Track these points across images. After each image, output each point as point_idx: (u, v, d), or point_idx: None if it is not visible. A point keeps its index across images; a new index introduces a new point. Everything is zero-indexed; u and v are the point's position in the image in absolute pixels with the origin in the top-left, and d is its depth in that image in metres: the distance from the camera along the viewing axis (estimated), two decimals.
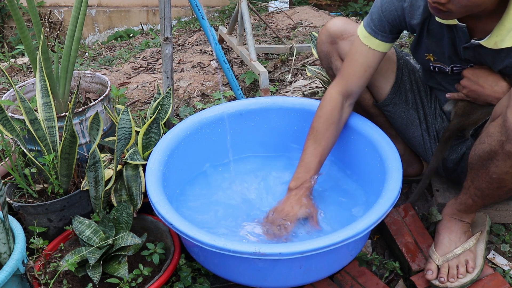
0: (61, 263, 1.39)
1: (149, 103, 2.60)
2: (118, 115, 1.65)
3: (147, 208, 1.51)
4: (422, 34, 1.41)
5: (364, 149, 1.54)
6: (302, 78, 2.79)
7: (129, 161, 1.52)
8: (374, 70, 1.48)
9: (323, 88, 2.31)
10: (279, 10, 4.19)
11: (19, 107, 1.52)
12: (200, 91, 2.69)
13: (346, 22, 1.54)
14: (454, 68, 1.43)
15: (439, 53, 1.42)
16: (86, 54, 3.64)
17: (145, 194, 1.48)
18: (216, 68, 3.01)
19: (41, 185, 1.60)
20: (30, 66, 3.29)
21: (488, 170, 1.25)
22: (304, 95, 2.36)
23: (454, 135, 1.52)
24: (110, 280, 1.35)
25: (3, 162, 1.62)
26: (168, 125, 1.87)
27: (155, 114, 1.62)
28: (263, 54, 3.14)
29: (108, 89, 1.83)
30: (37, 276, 1.36)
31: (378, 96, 1.61)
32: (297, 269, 1.26)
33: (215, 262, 1.34)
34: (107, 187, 1.53)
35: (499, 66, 1.32)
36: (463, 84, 1.41)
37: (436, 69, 1.47)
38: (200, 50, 3.34)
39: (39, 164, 1.50)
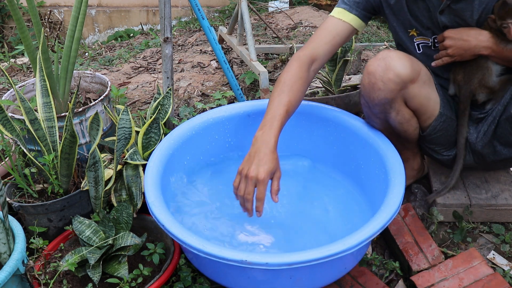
0: (61, 263, 1.39)
1: (149, 103, 2.60)
2: (118, 115, 1.65)
3: (147, 208, 1.51)
4: (400, 10, 1.50)
5: (370, 159, 1.53)
6: None
7: (129, 161, 1.52)
8: (342, 41, 1.52)
9: (323, 88, 2.31)
10: (279, 10, 4.19)
11: (19, 107, 1.52)
12: (200, 91, 2.69)
13: (409, 59, 1.43)
14: (436, 41, 1.51)
15: (420, 26, 1.50)
16: (86, 54, 3.63)
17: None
18: (216, 68, 3.01)
19: (41, 185, 1.60)
20: (30, 66, 3.29)
21: None
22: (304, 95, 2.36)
23: (468, 103, 1.55)
24: (110, 280, 1.35)
25: (3, 162, 1.62)
26: (168, 125, 1.87)
27: (155, 114, 1.62)
28: (263, 54, 3.14)
29: (108, 89, 1.83)
30: (37, 276, 1.36)
31: (428, 119, 1.55)
32: (287, 279, 1.25)
33: (207, 266, 1.34)
34: (107, 187, 1.53)
35: (476, 16, 1.42)
36: (447, 44, 1.46)
37: (421, 48, 1.54)
38: (200, 50, 3.34)
39: (39, 164, 1.50)
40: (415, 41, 1.55)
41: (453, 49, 1.46)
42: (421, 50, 1.56)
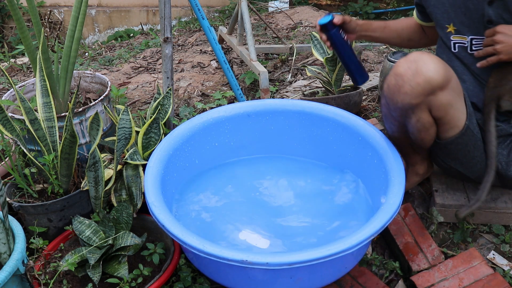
0: (61, 263, 1.39)
1: (149, 103, 2.60)
2: (118, 115, 1.65)
3: (147, 208, 1.51)
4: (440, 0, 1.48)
5: (370, 159, 1.53)
6: (302, 78, 2.79)
7: (129, 161, 1.52)
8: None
9: (323, 88, 2.31)
10: (279, 10, 4.19)
11: (19, 107, 1.52)
12: (200, 91, 2.69)
13: (442, 64, 1.30)
14: (473, 41, 1.43)
15: (458, 22, 1.45)
16: (86, 54, 3.63)
17: None
18: (216, 68, 3.01)
19: (41, 185, 1.60)
20: (30, 66, 3.29)
21: None
22: (304, 95, 2.36)
23: (493, 107, 1.43)
24: (110, 280, 1.35)
25: (3, 162, 1.62)
26: (168, 125, 1.87)
27: (155, 114, 1.62)
28: (263, 54, 3.14)
29: (108, 89, 1.83)
30: (37, 276, 1.36)
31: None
32: (288, 279, 1.25)
33: (207, 266, 1.34)
34: (107, 187, 1.53)
35: None
36: (498, 39, 1.32)
37: (457, 47, 1.48)
38: (200, 50, 3.34)
39: (39, 164, 1.50)
40: (451, 39, 1.47)
41: (503, 46, 1.31)
42: (456, 50, 1.48)
